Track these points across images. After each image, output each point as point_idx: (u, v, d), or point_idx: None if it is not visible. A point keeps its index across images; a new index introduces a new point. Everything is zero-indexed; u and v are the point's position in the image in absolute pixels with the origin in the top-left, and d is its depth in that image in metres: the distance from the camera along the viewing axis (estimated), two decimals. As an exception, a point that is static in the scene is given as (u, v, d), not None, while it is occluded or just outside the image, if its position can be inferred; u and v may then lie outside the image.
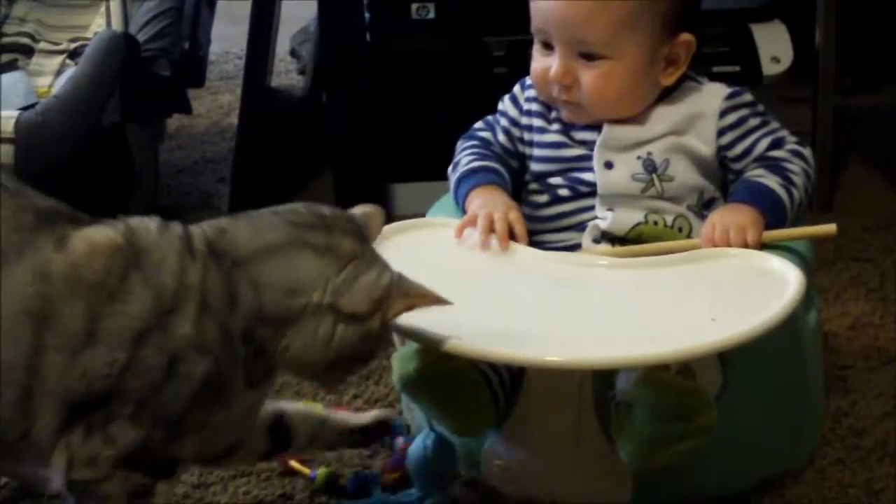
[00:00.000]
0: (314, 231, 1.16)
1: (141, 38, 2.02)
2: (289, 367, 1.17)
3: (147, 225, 1.13)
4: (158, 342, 1.07)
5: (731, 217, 1.35)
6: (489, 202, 1.43)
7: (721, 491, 1.35)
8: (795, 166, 1.40)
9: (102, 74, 1.90)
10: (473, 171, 1.48)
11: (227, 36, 3.15)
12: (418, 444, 1.32)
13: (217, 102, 2.82)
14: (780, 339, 1.32)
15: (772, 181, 1.39)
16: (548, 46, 1.43)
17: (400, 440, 1.43)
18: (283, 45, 2.83)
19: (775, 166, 1.40)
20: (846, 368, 1.63)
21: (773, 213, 1.37)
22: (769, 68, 2.07)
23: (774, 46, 2.08)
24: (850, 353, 1.67)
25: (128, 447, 1.09)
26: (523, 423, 1.38)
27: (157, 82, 2.01)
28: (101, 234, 1.10)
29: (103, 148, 1.95)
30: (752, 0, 2.18)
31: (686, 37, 1.42)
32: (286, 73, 3.05)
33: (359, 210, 1.25)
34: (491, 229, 1.39)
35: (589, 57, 1.40)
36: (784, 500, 1.36)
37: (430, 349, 1.23)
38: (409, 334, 1.24)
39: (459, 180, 1.49)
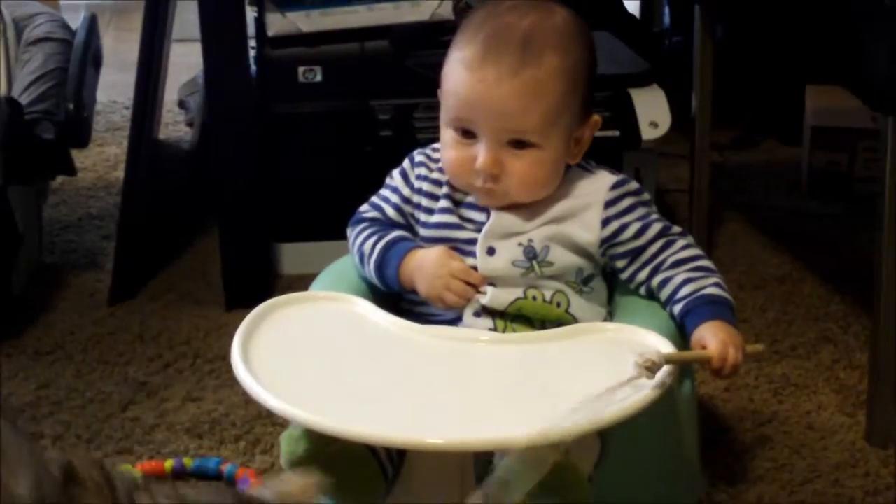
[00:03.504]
0: None
1: (24, 100, 2.00)
2: None
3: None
4: None
5: (734, 336, 1.36)
6: (429, 274, 1.43)
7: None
8: (706, 260, 1.44)
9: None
10: (386, 249, 1.47)
11: (115, 84, 3.14)
12: None
13: (103, 155, 2.81)
14: (656, 410, 1.36)
15: (714, 289, 1.40)
16: (468, 135, 1.41)
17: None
18: (171, 93, 2.81)
19: (700, 269, 1.42)
20: (722, 431, 1.68)
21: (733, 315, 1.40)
22: (648, 133, 2.12)
23: (653, 112, 2.14)
24: (725, 415, 1.72)
25: None
26: (408, 495, 1.40)
27: (41, 145, 2.00)
28: None
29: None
30: (632, 66, 2.24)
31: (596, 118, 1.45)
32: (174, 125, 3.05)
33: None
34: (464, 293, 1.42)
35: (518, 145, 1.39)
36: (661, 568, 1.40)
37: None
38: (293, 417, 1.26)
39: (379, 267, 1.47)
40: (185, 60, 2.96)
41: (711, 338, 1.37)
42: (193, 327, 1.98)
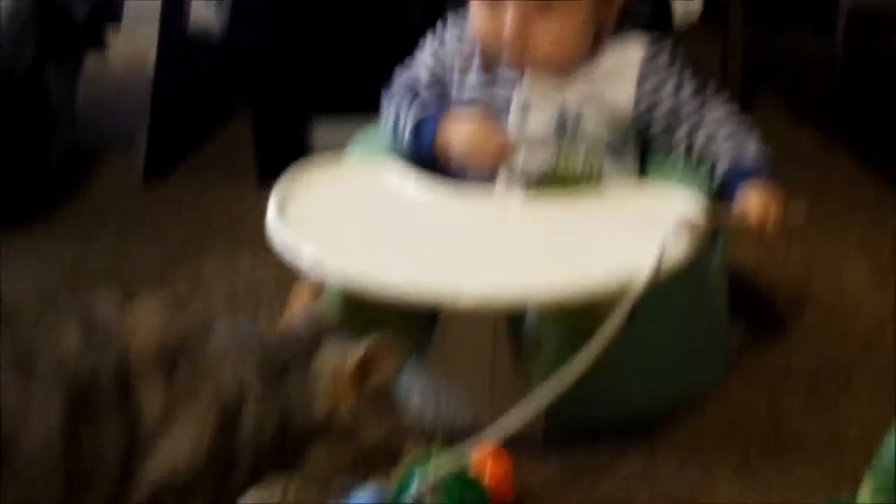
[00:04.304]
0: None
1: (56, -26, 2.00)
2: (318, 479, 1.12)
3: (194, 318, 1.04)
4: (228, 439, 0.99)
5: (775, 198, 1.38)
6: (465, 137, 1.43)
7: (630, 418, 1.41)
8: (744, 119, 1.46)
9: (17, 14, 1.88)
10: (421, 114, 1.48)
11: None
12: None
13: (134, 44, 2.80)
14: (687, 272, 1.37)
15: (755, 150, 1.43)
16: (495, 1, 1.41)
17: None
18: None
19: (740, 130, 1.44)
20: (753, 299, 1.69)
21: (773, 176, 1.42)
22: (680, 17, 2.10)
23: (686, -7, 2.11)
24: (757, 283, 1.73)
25: None
26: (439, 357, 1.42)
27: (74, 20, 2.00)
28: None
29: (20, 89, 1.94)
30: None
31: None
32: (205, 10, 3.03)
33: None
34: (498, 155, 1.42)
35: (544, 6, 1.39)
36: (691, 426, 1.42)
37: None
38: (328, 277, 1.28)
39: (415, 131, 1.48)
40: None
41: (753, 202, 1.37)
42: (228, 201, 2.00)
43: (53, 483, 0.90)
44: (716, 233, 1.47)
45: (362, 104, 1.63)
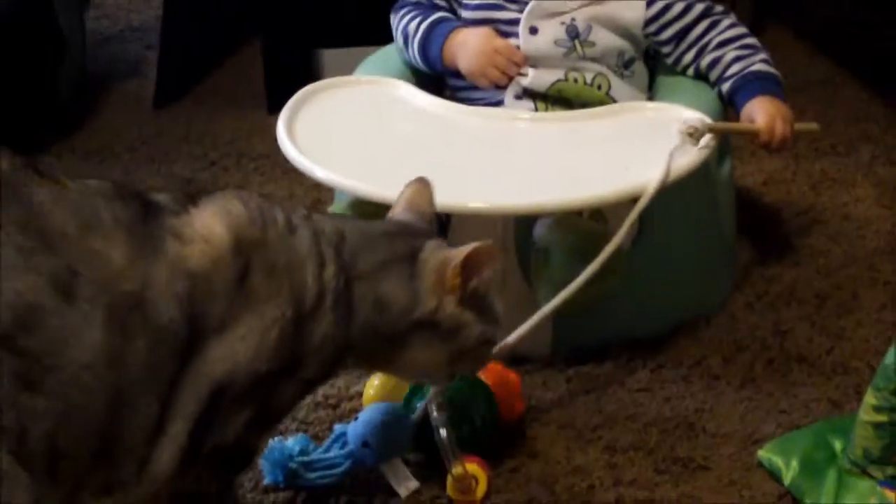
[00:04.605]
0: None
1: None
2: (404, 375, 1.14)
3: (274, 215, 1.00)
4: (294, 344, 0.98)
5: (783, 109, 1.41)
6: (473, 51, 1.45)
7: (636, 334, 1.42)
8: (752, 38, 1.47)
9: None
10: (430, 28, 1.49)
11: None
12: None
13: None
14: (694, 189, 1.38)
15: (762, 66, 1.45)
16: None
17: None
18: None
19: (748, 47, 1.46)
20: (759, 221, 1.70)
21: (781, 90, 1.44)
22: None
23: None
24: (763, 206, 1.74)
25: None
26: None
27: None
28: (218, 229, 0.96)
29: (30, 14, 1.94)
30: None
31: None
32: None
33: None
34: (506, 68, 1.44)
35: None
36: (697, 342, 1.43)
37: (364, 201, 1.27)
38: (343, 187, 1.29)
39: (423, 46, 1.49)
40: None
41: (760, 112, 1.39)
42: (237, 128, 2.01)
43: (97, 396, 0.90)
44: (723, 152, 1.48)
45: (371, 36, 1.64)
